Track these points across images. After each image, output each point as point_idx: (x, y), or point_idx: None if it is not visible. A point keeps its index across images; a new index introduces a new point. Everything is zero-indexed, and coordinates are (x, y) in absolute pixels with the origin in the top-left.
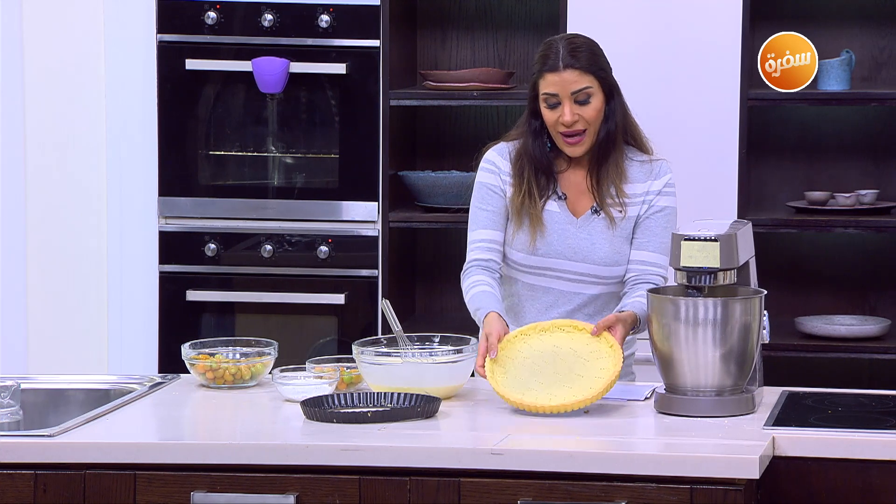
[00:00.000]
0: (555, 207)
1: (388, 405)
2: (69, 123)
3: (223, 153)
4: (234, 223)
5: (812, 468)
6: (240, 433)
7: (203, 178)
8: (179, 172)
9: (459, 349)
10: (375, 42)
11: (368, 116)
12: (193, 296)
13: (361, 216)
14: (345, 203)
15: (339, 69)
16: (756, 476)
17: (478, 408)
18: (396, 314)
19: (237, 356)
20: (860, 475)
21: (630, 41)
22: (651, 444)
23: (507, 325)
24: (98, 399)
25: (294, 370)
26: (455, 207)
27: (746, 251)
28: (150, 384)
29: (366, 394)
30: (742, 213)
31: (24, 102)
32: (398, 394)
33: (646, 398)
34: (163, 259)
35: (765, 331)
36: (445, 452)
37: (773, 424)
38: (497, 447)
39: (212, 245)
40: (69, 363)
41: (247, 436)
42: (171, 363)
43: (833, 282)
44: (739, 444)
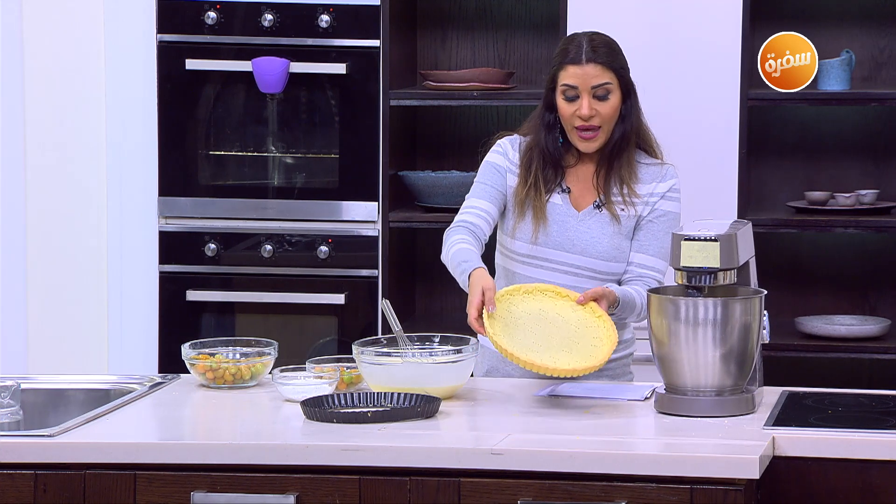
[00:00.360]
0: (558, 200)
1: (388, 405)
2: (69, 123)
3: (223, 153)
4: (234, 223)
5: (812, 468)
6: (240, 433)
7: (203, 178)
8: (179, 172)
9: (459, 349)
10: (375, 42)
11: (368, 116)
12: (193, 296)
13: (361, 216)
14: (345, 203)
15: (339, 69)
16: (756, 476)
17: (478, 408)
18: (396, 314)
19: (237, 356)
20: (860, 475)
21: (630, 41)
22: (651, 444)
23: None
24: (98, 399)
25: (294, 370)
26: (455, 207)
27: (746, 251)
28: (150, 384)
29: (366, 394)
30: (742, 213)
31: (24, 102)
32: (398, 394)
33: (646, 398)
34: (163, 259)
35: (765, 331)
36: (445, 452)
37: (774, 424)
38: (497, 447)
39: (212, 245)
40: (69, 363)
41: (247, 436)
42: (171, 363)
43: (833, 282)
44: (739, 444)
